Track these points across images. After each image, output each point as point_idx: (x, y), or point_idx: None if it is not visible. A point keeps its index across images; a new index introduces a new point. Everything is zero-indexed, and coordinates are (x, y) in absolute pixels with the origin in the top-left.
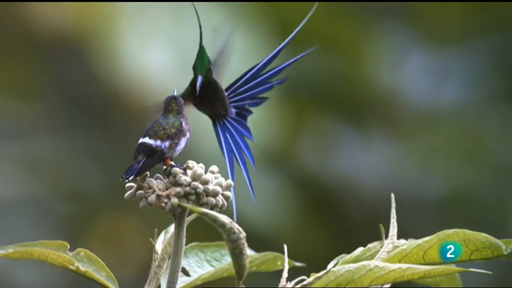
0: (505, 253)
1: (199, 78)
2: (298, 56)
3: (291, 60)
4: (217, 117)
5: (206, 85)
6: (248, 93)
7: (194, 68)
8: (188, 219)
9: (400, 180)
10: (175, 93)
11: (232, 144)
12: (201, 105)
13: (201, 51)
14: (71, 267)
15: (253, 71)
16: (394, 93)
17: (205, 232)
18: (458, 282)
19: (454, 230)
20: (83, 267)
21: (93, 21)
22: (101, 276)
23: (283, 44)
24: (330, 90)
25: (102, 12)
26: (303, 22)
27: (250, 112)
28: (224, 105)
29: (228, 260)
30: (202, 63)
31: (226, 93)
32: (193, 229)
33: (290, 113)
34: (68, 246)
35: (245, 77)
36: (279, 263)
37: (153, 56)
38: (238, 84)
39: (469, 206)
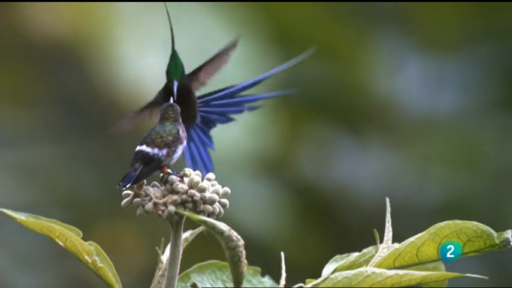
0: (497, 242)
1: (175, 84)
2: (274, 94)
3: (271, 94)
4: (185, 122)
5: (180, 90)
6: (219, 109)
7: (168, 72)
8: (195, 232)
9: (397, 188)
10: (171, 101)
11: (194, 153)
12: None
13: (174, 55)
14: (87, 258)
15: (233, 89)
16: (391, 100)
17: (201, 239)
18: (444, 281)
19: (445, 222)
20: (99, 264)
21: (89, 28)
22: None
23: (267, 75)
24: (327, 97)
25: (98, 19)
26: (282, 68)
27: (215, 125)
28: (195, 111)
29: (245, 284)
30: (177, 68)
31: (197, 100)
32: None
33: (287, 120)
34: (81, 234)
35: (223, 93)
36: None
37: (150, 63)
38: (213, 97)
39: (466, 214)
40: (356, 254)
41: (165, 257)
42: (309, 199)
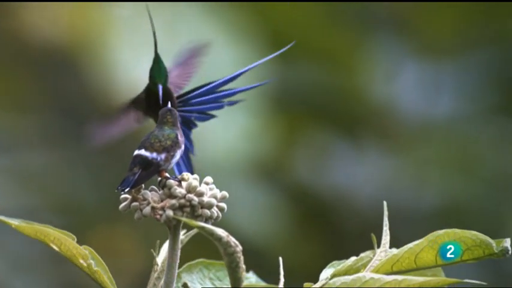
0: (496, 251)
1: (160, 88)
2: (252, 86)
3: (249, 86)
4: None
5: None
6: (198, 107)
7: (152, 76)
8: (190, 233)
9: (394, 193)
10: (169, 106)
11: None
12: (152, 113)
13: (157, 59)
14: (82, 262)
15: (211, 85)
16: (388, 105)
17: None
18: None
19: (444, 230)
20: (95, 267)
21: (86, 33)
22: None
23: (247, 68)
24: (323, 102)
25: (95, 25)
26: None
27: (196, 125)
28: None
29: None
30: (160, 72)
31: (176, 102)
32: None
33: (283, 124)
34: (76, 239)
35: (201, 90)
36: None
37: (146, 68)
38: (192, 95)
39: (463, 218)
40: (353, 258)
41: (160, 259)
42: (305, 204)
